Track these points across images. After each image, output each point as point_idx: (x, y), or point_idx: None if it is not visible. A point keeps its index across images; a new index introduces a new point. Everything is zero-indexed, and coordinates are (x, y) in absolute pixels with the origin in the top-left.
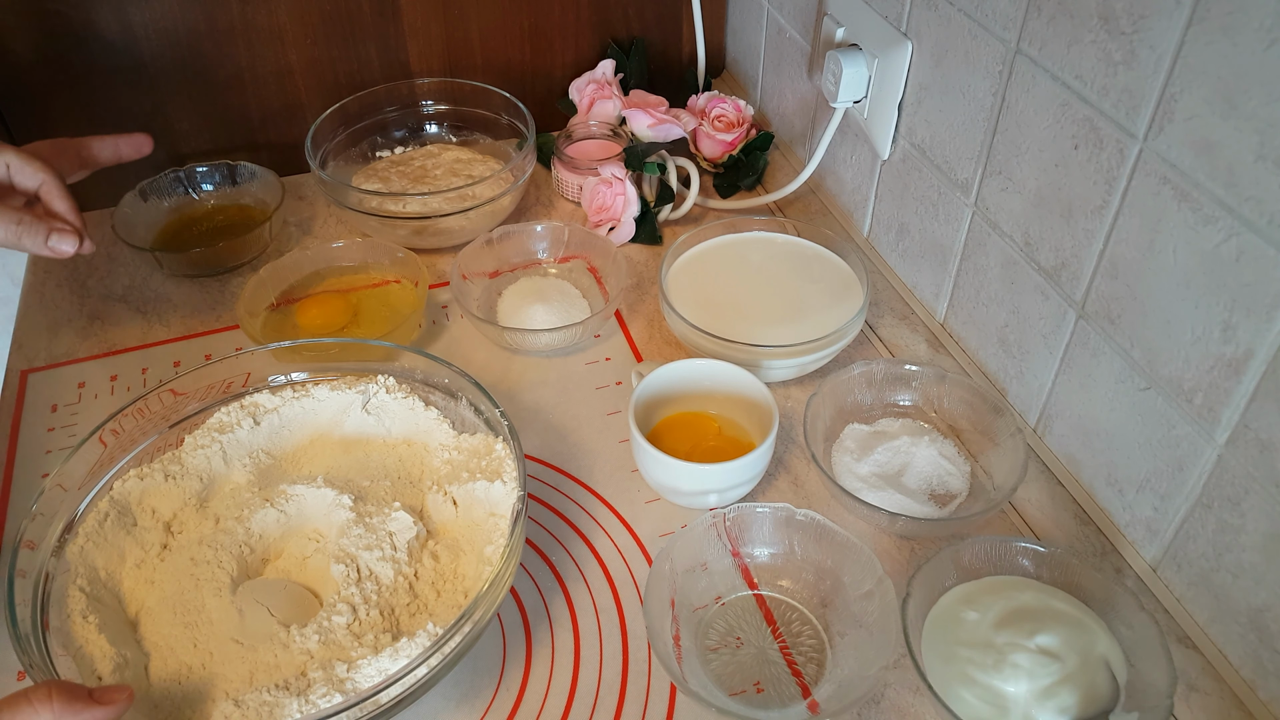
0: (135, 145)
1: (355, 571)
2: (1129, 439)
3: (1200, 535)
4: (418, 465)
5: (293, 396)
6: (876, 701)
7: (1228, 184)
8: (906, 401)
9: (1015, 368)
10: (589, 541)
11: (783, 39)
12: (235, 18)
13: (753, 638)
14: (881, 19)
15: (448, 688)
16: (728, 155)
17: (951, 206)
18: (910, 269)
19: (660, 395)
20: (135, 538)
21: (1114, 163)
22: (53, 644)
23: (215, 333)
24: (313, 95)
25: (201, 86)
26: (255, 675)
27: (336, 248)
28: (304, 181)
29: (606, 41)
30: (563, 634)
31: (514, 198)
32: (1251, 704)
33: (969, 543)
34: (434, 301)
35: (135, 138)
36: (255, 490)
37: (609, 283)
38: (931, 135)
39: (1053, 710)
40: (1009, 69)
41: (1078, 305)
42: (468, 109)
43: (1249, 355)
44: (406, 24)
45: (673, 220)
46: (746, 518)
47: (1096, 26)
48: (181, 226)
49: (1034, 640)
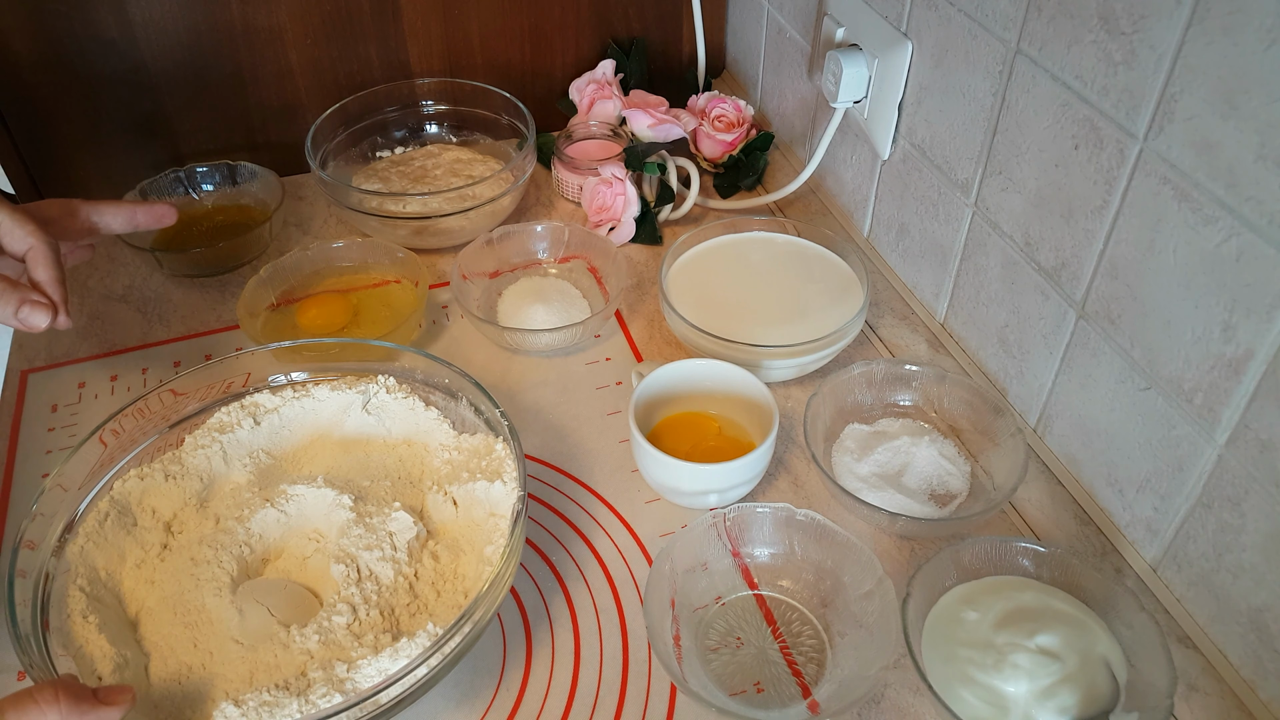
0: (156, 216)
1: (355, 571)
2: (1129, 439)
3: (1200, 535)
4: (418, 465)
5: (293, 396)
6: (876, 701)
7: (1228, 184)
8: (907, 401)
9: (1015, 368)
10: (589, 541)
11: (783, 39)
12: (235, 18)
13: (753, 638)
14: (881, 19)
15: (448, 688)
16: (728, 155)
17: (951, 206)
18: (910, 269)
19: (660, 395)
20: (135, 538)
21: (1114, 163)
22: (53, 644)
23: (215, 333)
24: (313, 95)
25: (201, 86)
26: (255, 675)
27: (336, 248)
28: (304, 181)
29: (606, 41)
30: (563, 634)
31: (514, 198)
32: (1251, 704)
33: (969, 543)
34: (434, 301)
35: (157, 208)
36: (255, 490)
37: (609, 283)
38: (931, 135)
39: (1053, 710)
40: (1009, 69)
41: (1078, 305)
42: (468, 109)
43: (1249, 355)
44: (406, 24)
45: (673, 220)
46: (747, 518)
47: (1096, 26)
48: (181, 226)
49: (1034, 640)
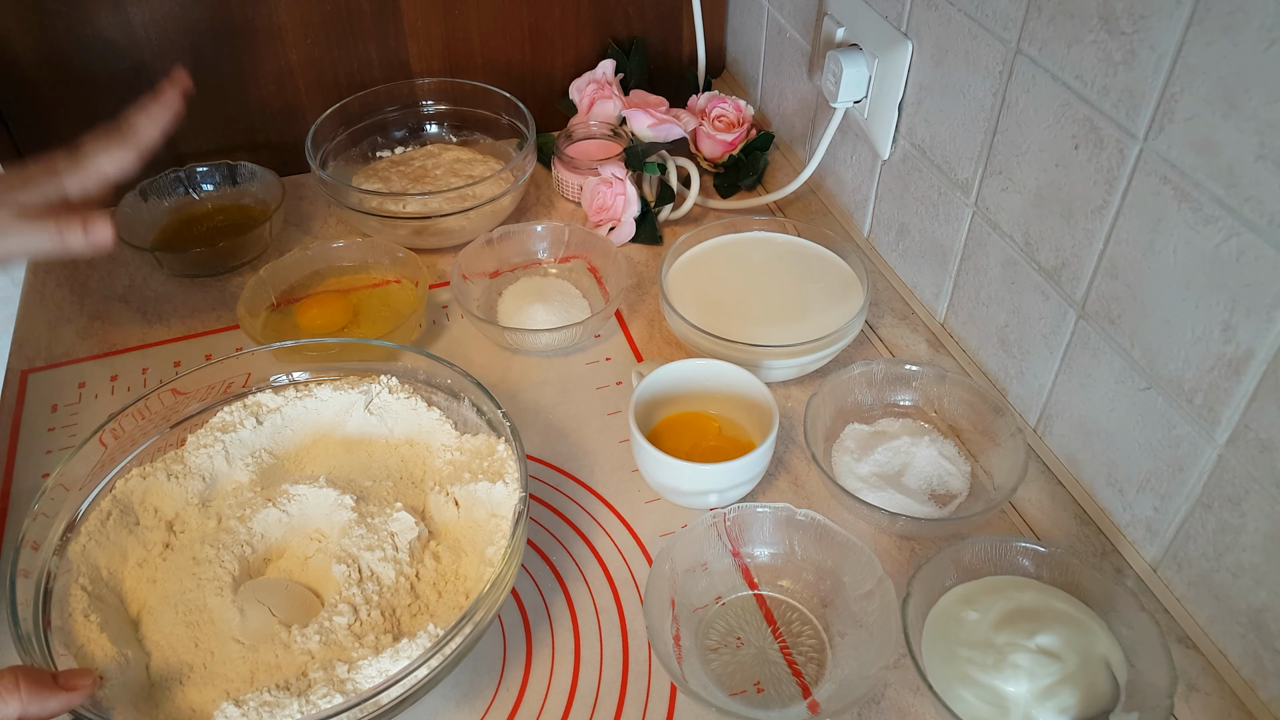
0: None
1: (357, 572)
2: (1129, 439)
3: (1200, 535)
4: (420, 466)
5: (295, 396)
6: (876, 701)
7: (1228, 184)
8: (907, 401)
9: (1015, 368)
10: (589, 541)
11: (783, 39)
12: (235, 18)
13: (753, 638)
14: (882, 19)
15: (448, 688)
16: (728, 155)
17: (952, 206)
18: (910, 269)
19: (660, 395)
20: (137, 537)
21: (1114, 163)
22: (54, 643)
23: (215, 333)
24: (313, 95)
25: (201, 86)
26: (256, 675)
27: (336, 248)
28: (304, 181)
29: (606, 41)
30: (563, 634)
31: (514, 198)
32: (1251, 704)
33: (969, 543)
34: (434, 301)
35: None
36: (257, 490)
37: (609, 283)
38: (932, 135)
39: (1053, 710)
40: (1009, 69)
41: (1078, 305)
42: (468, 109)
43: (1249, 355)
44: (406, 24)
45: (673, 220)
46: (747, 518)
47: (1097, 26)
48: (181, 226)
49: (1034, 640)
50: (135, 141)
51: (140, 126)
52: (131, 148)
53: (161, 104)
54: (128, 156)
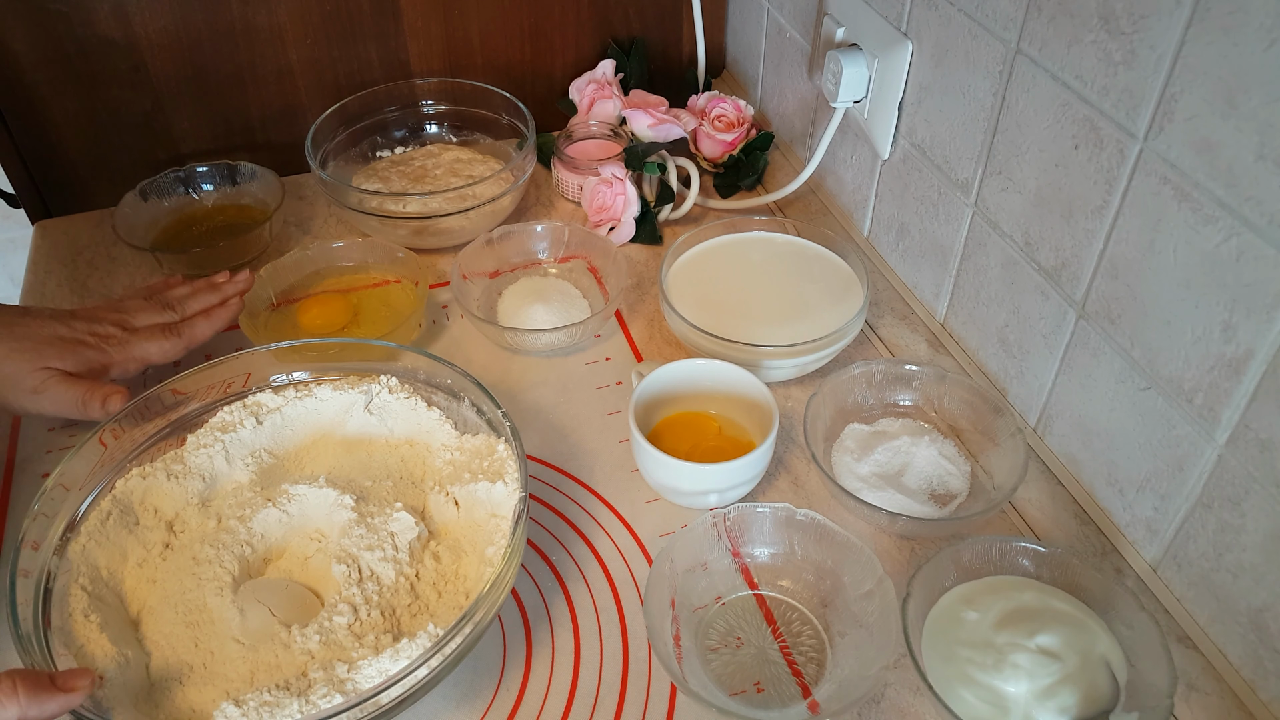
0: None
1: (357, 572)
2: (1129, 439)
3: (1200, 535)
4: (420, 466)
5: (295, 396)
6: (876, 701)
7: (1228, 184)
8: (907, 401)
9: (1015, 368)
10: (589, 541)
11: (783, 39)
12: (235, 18)
13: (753, 638)
14: (881, 19)
15: (448, 688)
16: (728, 155)
17: (951, 206)
18: (910, 269)
19: (660, 395)
20: (137, 537)
21: (1114, 163)
22: (54, 643)
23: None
24: (313, 95)
25: (201, 86)
26: (256, 675)
27: (336, 248)
28: (304, 181)
29: (606, 41)
30: (563, 634)
31: (514, 198)
32: (1251, 704)
33: (969, 543)
34: (434, 301)
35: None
36: (257, 490)
37: (609, 283)
38: (932, 135)
39: (1053, 710)
40: (1009, 69)
41: (1078, 305)
42: (468, 109)
43: (1249, 355)
44: (406, 24)
45: (673, 220)
46: (746, 518)
47: (1097, 26)
48: (181, 226)
49: (1034, 640)
50: (187, 341)
51: (198, 328)
52: (182, 347)
53: (225, 309)
54: (176, 352)
